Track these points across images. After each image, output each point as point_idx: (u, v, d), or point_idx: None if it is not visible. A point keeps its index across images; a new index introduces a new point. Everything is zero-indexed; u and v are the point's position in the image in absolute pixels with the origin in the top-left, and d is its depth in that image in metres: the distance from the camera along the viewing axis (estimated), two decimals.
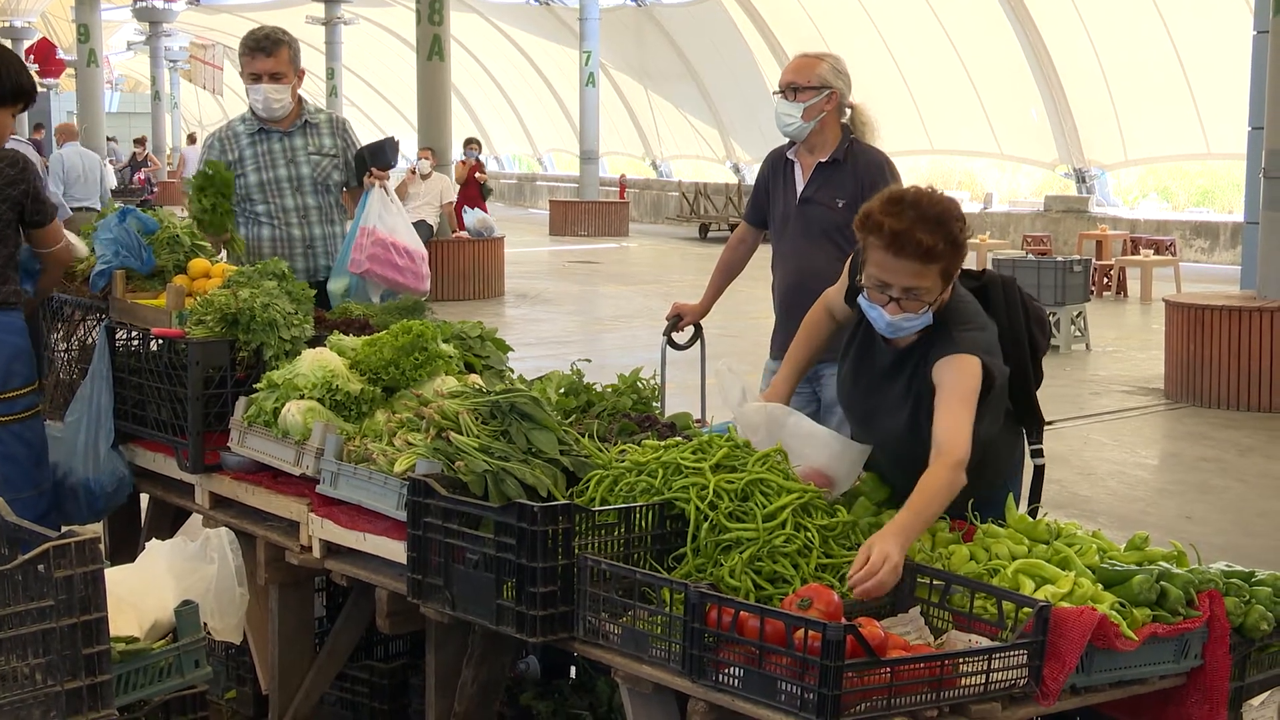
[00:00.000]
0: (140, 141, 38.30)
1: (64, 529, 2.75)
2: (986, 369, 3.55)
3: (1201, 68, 22.88)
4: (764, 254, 5.55)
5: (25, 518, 4.66)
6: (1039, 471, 4.08)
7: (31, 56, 48.85)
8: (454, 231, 18.66)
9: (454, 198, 18.95)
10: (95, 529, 4.85)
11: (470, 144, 22.95)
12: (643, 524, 3.33)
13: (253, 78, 5.78)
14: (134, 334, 4.84)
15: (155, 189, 33.74)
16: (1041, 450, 4.04)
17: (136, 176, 33.67)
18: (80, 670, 2.68)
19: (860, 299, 3.64)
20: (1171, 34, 23.13)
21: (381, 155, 5.87)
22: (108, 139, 35.53)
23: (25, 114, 5.45)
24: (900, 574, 3.15)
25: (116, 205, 5.53)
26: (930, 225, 3.46)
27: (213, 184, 5.46)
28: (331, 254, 5.93)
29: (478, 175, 22.27)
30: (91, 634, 2.69)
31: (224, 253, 5.51)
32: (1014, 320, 3.87)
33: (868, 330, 3.75)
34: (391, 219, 5.67)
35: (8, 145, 5.44)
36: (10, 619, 2.62)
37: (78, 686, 2.68)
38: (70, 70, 43.36)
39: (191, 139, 40.19)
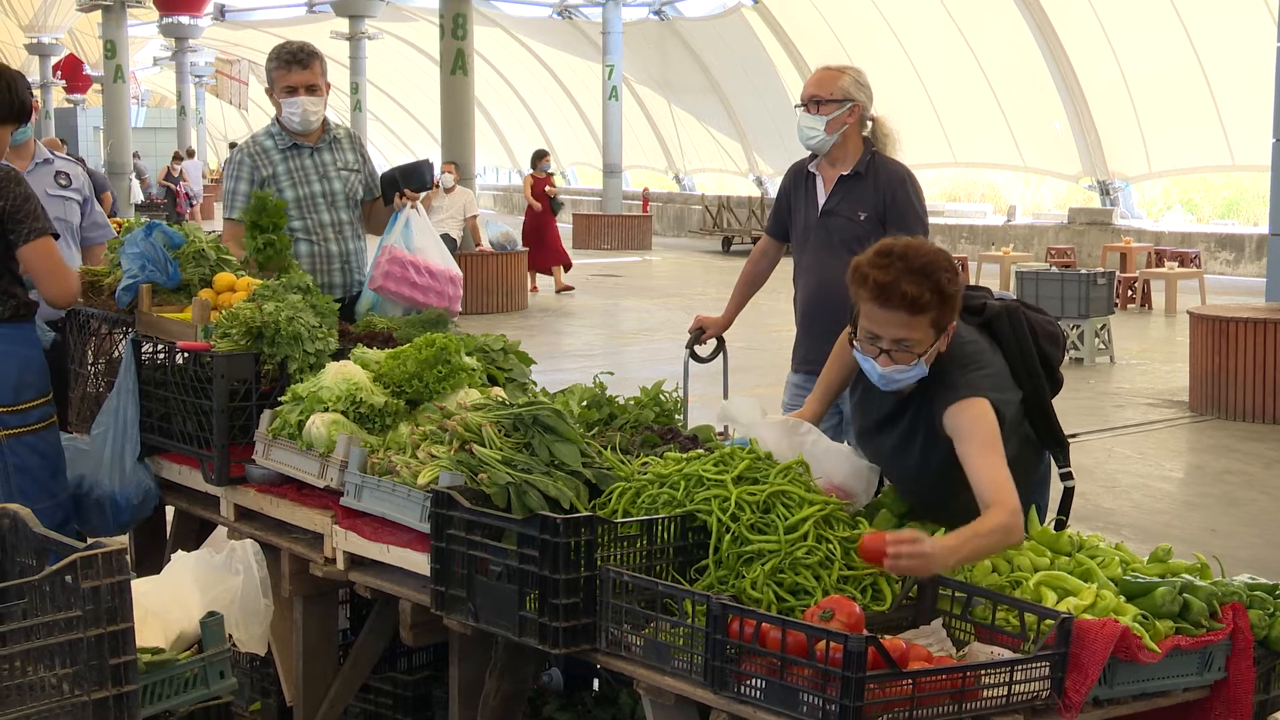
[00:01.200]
0: (179, 158, 38.38)
1: (90, 540, 2.76)
2: (995, 407, 3.54)
3: (1225, 79, 22.82)
4: (786, 267, 5.56)
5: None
6: (1068, 493, 4.07)
7: (59, 72, 49.28)
8: (477, 245, 18.73)
9: (477, 211, 19.01)
10: (121, 541, 4.88)
11: (542, 157, 22.04)
12: (665, 536, 3.34)
13: (288, 91, 5.75)
14: (160, 347, 4.87)
15: (196, 203, 33.39)
16: (1071, 473, 4.03)
17: (177, 190, 33.34)
18: (107, 680, 2.70)
19: (855, 351, 3.63)
20: (1195, 46, 23.07)
21: (417, 176, 5.86)
22: (133, 155, 35.68)
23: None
24: (927, 569, 3.17)
25: (143, 220, 5.55)
26: (916, 276, 3.45)
27: (267, 215, 5.33)
28: (364, 268, 5.95)
29: (548, 189, 21.33)
30: (118, 644, 2.71)
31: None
32: (1024, 349, 3.81)
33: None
34: (421, 239, 5.67)
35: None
36: (38, 629, 2.64)
37: (104, 697, 2.69)
38: (97, 86, 43.69)
39: (190, 153, 39.97)
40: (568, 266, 21.39)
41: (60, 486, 4.79)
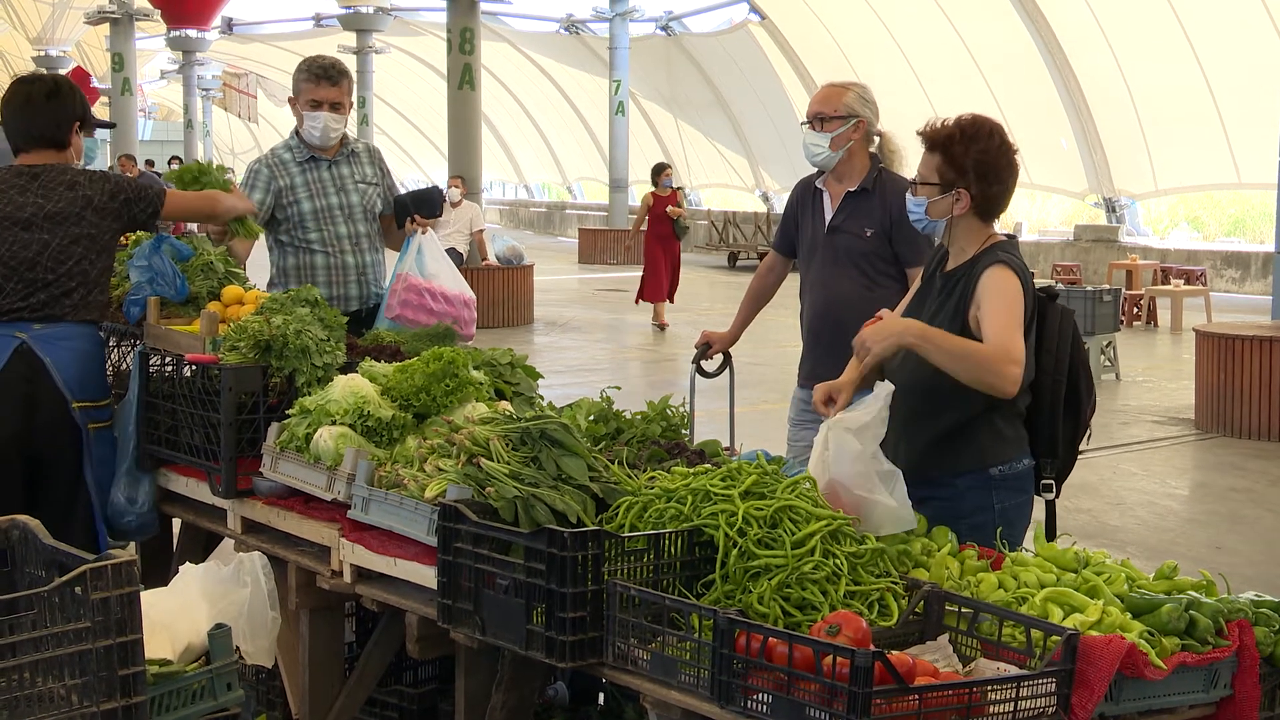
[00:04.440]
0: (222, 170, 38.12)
1: (100, 552, 2.77)
2: (1024, 286, 3.87)
3: (1232, 97, 22.84)
4: (793, 282, 5.57)
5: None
6: (1050, 507, 4.08)
7: None
8: (483, 260, 18.75)
9: (484, 226, 19.04)
10: (131, 552, 4.89)
11: (663, 171, 19.06)
12: (672, 550, 3.34)
13: (313, 105, 5.82)
14: (168, 360, 4.88)
15: None
16: (1051, 485, 4.05)
17: None
18: (116, 691, 2.70)
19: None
20: (1202, 64, 23.09)
21: (429, 204, 5.93)
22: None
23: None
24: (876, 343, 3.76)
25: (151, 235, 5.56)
26: (954, 123, 3.92)
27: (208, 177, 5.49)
28: (381, 280, 5.99)
29: (670, 210, 18.43)
30: (127, 656, 2.71)
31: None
32: (1061, 343, 4.03)
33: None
34: (434, 265, 5.70)
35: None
36: (47, 640, 2.64)
37: (113, 708, 2.70)
38: (104, 99, 43.73)
39: (150, 164, 39.72)
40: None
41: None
